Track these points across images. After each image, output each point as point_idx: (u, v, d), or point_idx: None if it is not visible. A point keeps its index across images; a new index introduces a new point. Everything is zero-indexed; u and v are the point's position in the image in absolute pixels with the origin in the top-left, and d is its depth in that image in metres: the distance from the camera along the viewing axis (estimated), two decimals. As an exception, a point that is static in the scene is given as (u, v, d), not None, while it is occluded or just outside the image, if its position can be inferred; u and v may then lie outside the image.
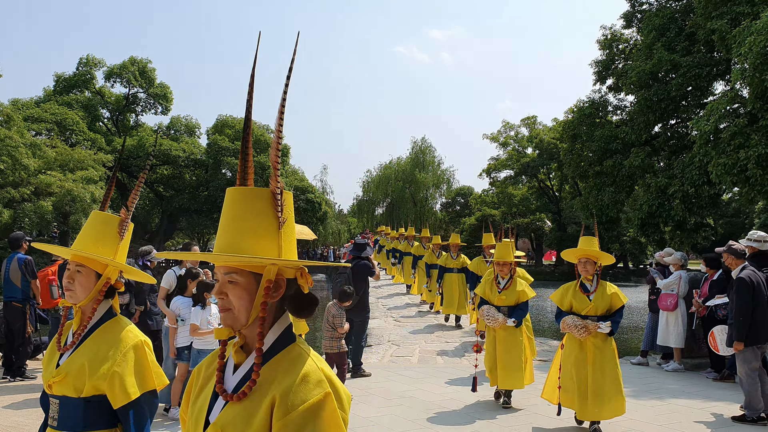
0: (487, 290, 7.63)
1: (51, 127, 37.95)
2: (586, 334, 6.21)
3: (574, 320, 6.26)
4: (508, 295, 7.52)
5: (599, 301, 6.30)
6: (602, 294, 6.34)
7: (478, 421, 6.96)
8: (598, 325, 6.21)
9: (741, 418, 6.93)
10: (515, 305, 7.50)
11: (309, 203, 49.01)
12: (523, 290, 7.53)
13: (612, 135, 19.86)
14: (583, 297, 6.37)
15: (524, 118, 56.38)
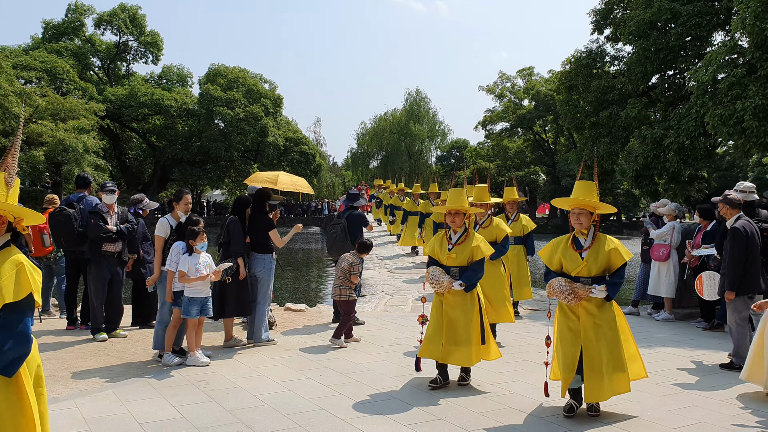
0: (436, 247, 6.38)
1: (41, 76, 37.32)
2: (575, 300, 5.22)
3: (561, 283, 5.24)
4: (459, 252, 6.23)
5: (594, 259, 5.26)
6: (598, 251, 5.28)
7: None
8: (590, 289, 5.21)
9: (728, 366, 7.03)
10: (467, 265, 6.24)
11: (303, 155, 48.75)
12: (478, 246, 6.21)
13: (609, 86, 19.67)
14: (574, 255, 5.33)
15: (521, 70, 55.84)
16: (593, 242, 5.33)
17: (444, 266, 6.27)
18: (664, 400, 5.88)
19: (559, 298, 5.27)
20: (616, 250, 5.28)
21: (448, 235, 6.37)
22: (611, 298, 5.27)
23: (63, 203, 8.82)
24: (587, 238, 5.37)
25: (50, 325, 9.17)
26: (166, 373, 6.68)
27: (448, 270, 6.22)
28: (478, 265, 6.24)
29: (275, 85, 51.54)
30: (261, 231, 8.03)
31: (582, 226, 5.36)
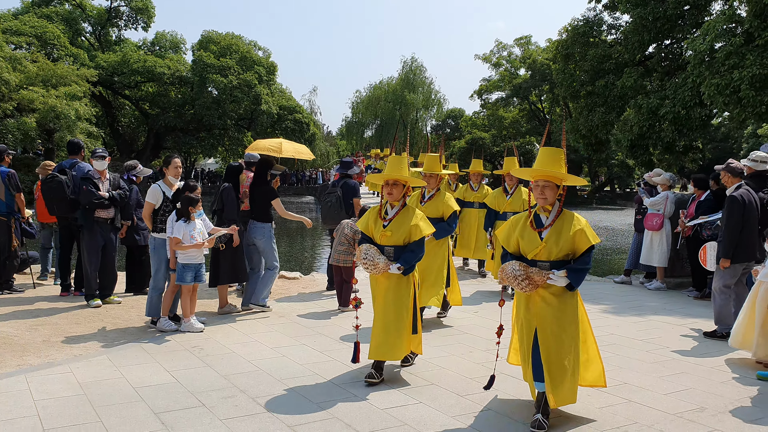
0: (370, 222, 5.58)
1: (31, 41, 36.78)
2: (530, 288, 4.39)
3: (514, 267, 4.39)
4: (395, 230, 5.43)
5: (555, 240, 4.42)
6: (560, 231, 4.44)
7: (462, 334, 7.08)
8: (548, 275, 4.38)
9: (712, 334, 7.11)
10: (404, 245, 5.45)
11: (297, 123, 48.44)
12: (417, 225, 5.41)
13: (605, 55, 19.54)
14: (533, 234, 4.49)
15: (518, 38, 55.32)
16: (555, 220, 4.48)
17: (378, 245, 5.47)
18: (655, 367, 5.94)
19: (512, 285, 4.42)
20: (582, 232, 4.40)
21: (384, 208, 5.53)
22: (574, 288, 4.42)
23: (55, 170, 8.74)
24: (550, 216, 4.53)
25: (44, 291, 9.17)
26: (160, 338, 6.71)
27: (382, 249, 5.42)
28: (418, 246, 5.41)
29: (269, 53, 50.99)
30: (262, 199, 8.00)
31: (546, 201, 4.48)
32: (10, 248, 8.86)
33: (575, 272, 4.42)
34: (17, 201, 8.86)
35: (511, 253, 4.65)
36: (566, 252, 4.44)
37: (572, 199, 51.77)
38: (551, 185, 4.48)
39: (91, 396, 4.92)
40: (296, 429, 4.35)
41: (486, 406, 4.85)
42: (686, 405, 4.94)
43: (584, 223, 4.47)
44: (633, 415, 4.69)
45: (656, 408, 4.85)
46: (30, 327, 7.08)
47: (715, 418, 4.68)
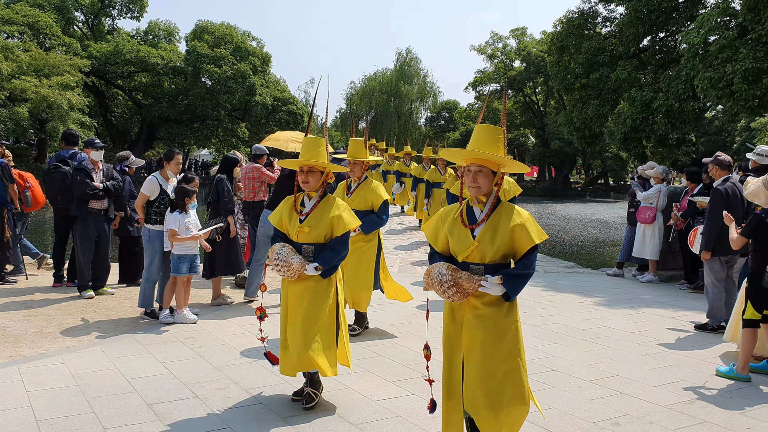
0: (283, 217, 4.71)
1: (23, 30, 36.53)
2: (459, 297, 3.55)
3: (441, 271, 3.55)
4: (314, 225, 4.60)
5: (490, 239, 3.55)
6: (497, 228, 3.56)
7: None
8: (480, 281, 3.51)
9: (703, 326, 7.16)
10: (325, 242, 4.63)
11: (291, 115, 48.29)
12: (339, 217, 4.59)
13: (600, 47, 19.54)
14: (464, 231, 3.63)
15: (513, 30, 55.30)
16: (491, 215, 3.61)
17: (294, 243, 4.64)
18: (646, 360, 5.98)
19: (437, 292, 3.56)
20: (523, 228, 3.53)
21: (299, 201, 4.71)
22: (511, 298, 3.55)
23: (54, 160, 8.74)
24: (484, 209, 3.65)
25: (37, 282, 9.15)
26: (153, 330, 6.71)
27: (299, 249, 4.59)
28: (340, 243, 4.60)
29: (263, 43, 50.81)
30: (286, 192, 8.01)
31: (479, 190, 3.60)
32: (3, 239, 8.83)
33: (512, 278, 3.51)
34: (10, 192, 8.82)
35: (439, 252, 3.78)
36: (504, 252, 3.57)
37: (566, 191, 51.95)
38: (486, 171, 3.58)
39: (83, 387, 4.92)
40: (289, 420, 4.37)
41: (478, 398, 4.86)
42: (677, 397, 4.98)
43: (526, 216, 3.60)
44: (624, 407, 4.72)
45: (647, 400, 4.89)
46: (23, 318, 7.06)
47: (706, 409, 4.72)
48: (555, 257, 13.78)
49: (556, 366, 5.71)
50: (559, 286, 9.80)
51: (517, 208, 3.63)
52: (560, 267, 11.90)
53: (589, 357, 6.03)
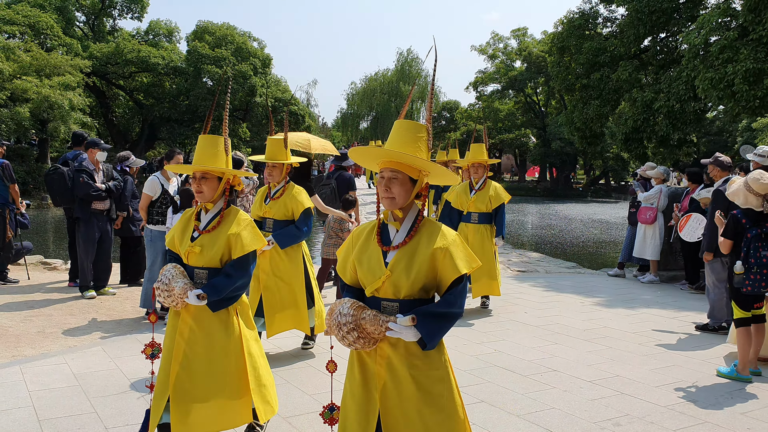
0: (176, 234, 3.80)
1: (24, 31, 36.54)
2: (362, 345, 2.79)
3: (343, 309, 2.79)
4: (208, 244, 3.67)
5: (405, 266, 2.77)
6: (415, 251, 2.79)
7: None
8: (386, 323, 2.71)
9: (704, 327, 7.16)
10: (221, 267, 3.68)
11: (292, 115, 48.26)
12: (238, 235, 3.66)
13: (601, 47, 19.52)
14: (375, 258, 2.86)
15: (514, 30, 55.27)
16: (413, 235, 2.82)
17: (187, 267, 3.73)
18: (647, 360, 5.99)
19: (337, 338, 2.82)
20: (447, 253, 2.74)
21: (194, 213, 3.82)
22: (428, 345, 2.71)
23: (60, 161, 8.81)
24: (402, 227, 2.87)
25: (39, 282, 9.17)
26: (155, 330, 6.71)
27: (191, 273, 3.69)
28: (237, 268, 3.64)
29: (264, 44, 50.76)
30: None
31: (394, 203, 2.81)
32: (5, 239, 8.85)
33: (429, 319, 2.68)
34: (11, 192, 8.84)
35: (349, 285, 3.00)
36: (423, 284, 2.77)
37: (567, 192, 51.95)
38: (402, 177, 2.79)
39: (85, 387, 4.93)
40: (291, 420, 4.38)
41: (479, 398, 4.88)
42: (678, 397, 4.99)
43: (452, 239, 2.79)
44: (625, 408, 4.73)
45: (648, 400, 4.90)
46: (24, 318, 7.08)
47: (706, 410, 4.73)
48: (556, 257, 13.79)
49: (557, 366, 5.72)
50: (560, 286, 9.81)
51: (443, 228, 2.84)
52: (561, 267, 11.90)
53: (590, 357, 6.03)
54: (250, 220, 3.78)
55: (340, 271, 3.04)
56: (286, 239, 5.57)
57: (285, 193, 5.71)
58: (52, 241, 17.23)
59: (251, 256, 3.72)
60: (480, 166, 7.69)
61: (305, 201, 5.69)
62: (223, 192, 3.78)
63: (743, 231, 5.39)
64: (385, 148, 2.82)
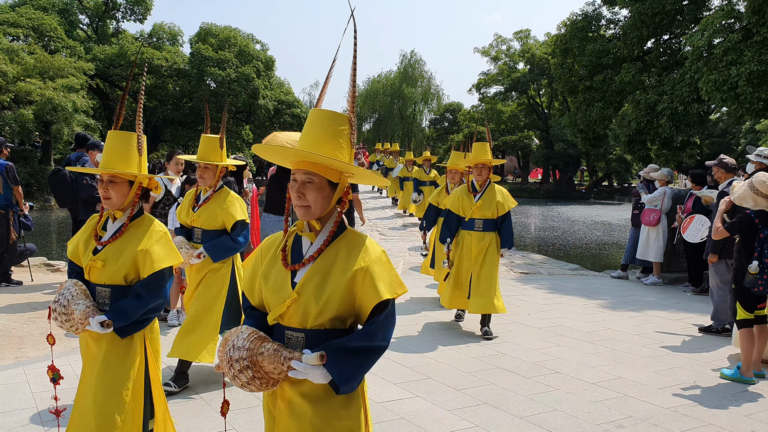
0: (80, 245, 3.31)
1: (28, 33, 36.67)
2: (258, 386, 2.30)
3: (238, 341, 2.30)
4: (111, 257, 3.16)
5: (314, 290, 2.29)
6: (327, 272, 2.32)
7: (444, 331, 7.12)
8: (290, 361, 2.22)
9: (707, 329, 7.15)
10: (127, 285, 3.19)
11: (295, 118, 48.31)
12: (147, 251, 3.15)
13: (604, 49, 19.51)
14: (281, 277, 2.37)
15: (517, 32, 55.28)
16: (324, 249, 2.35)
17: (88, 283, 3.23)
18: (650, 362, 5.97)
19: (228, 376, 2.31)
20: (367, 274, 2.27)
21: (98, 228, 3.30)
22: (341, 389, 2.23)
23: (63, 163, 8.89)
24: (316, 239, 2.39)
25: (42, 284, 9.18)
26: (160, 331, 6.72)
27: (93, 291, 3.20)
28: (148, 288, 3.13)
29: (267, 46, 50.96)
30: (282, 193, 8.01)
31: (309, 212, 2.35)
32: (8, 241, 8.87)
33: (341, 356, 2.19)
34: (15, 194, 8.86)
35: (254, 307, 2.50)
36: (337, 312, 2.28)
37: (570, 194, 51.91)
38: (319, 181, 2.32)
39: (89, 388, 4.93)
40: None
41: (482, 400, 4.87)
42: (681, 399, 4.97)
43: (376, 256, 2.32)
44: (628, 410, 4.72)
45: (651, 402, 4.89)
46: (28, 319, 7.09)
47: (710, 412, 4.71)
48: (559, 259, 13.77)
49: (560, 368, 5.71)
50: (564, 288, 9.80)
51: (368, 242, 2.36)
52: (564, 269, 11.89)
53: (593, 359, 6.02)
54: (165, 232, 3.27)
55: (246, 290, 2.51)
56: (220, 251, 4.90)
57: (214, 200, 5.04)
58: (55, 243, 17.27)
59: (166, 274, 3.17)
60: (484, 168, 6.84)
61: (237, 212, 4.97)
62: (134, 198, 3.24)
63: (755, 231, 5.38)
64: (297, 147, 2.34)
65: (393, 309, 2.34)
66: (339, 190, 2.38)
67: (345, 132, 2.36)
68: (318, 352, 2.17)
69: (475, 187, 6.92)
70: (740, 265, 5.47)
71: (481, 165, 6.84)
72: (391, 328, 2.33)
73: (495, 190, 6.88)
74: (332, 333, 2.29)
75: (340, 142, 2.34)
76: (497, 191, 6.86)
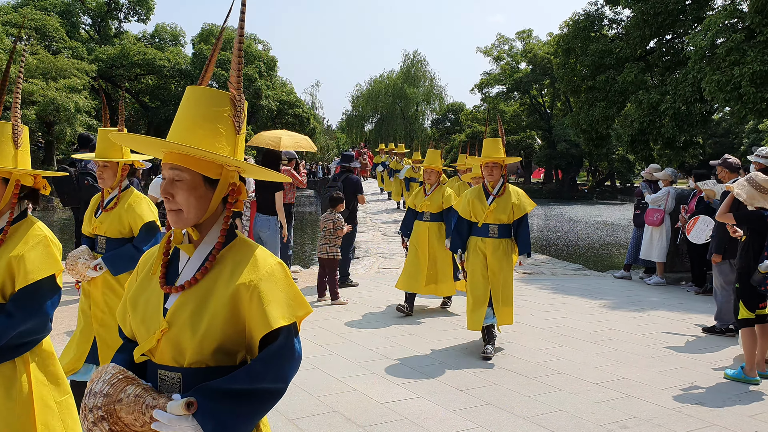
0: None
1: (30, 34, 36.75)
2: None
3: (94, 388, 1.80)
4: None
5: (189, 317, 1.83)
6: (206, 294, 1.85)
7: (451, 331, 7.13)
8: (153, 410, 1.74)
9: (711, 329, 7.13)
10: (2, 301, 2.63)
11: (297, 118, 48.39)
12: (22, 257, 2.60)
13: (606, 49, 19.49)
14: (153, 302, 1.95)
15: (519, 32, 55.27)
16: (211, 264, 1.89)
17: None
18: (654, 363, 5.96)
19: (83, 428, 1.84)
20: (255, 293, 1.81)
21: None
22: None
23: (67, 162, 8.99)
24: (193, 257, 1.94)
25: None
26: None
27: None
28: (21, 304, 2.57)
29: (269, 46, 50.95)
30: (270, 192, 8.02)
31: (180, 218, 1.91)
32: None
33: (217, 403, 1.74)
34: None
35: (129, 339, 2.05)
36: (219, 343, 1.83)
37: (572, 193, 51.86)
38: (192, 179, 1.87)
39: (92, 389, 4.93)
40: (297, 423, 4.37)
41: (486, 401, 4.87)
42: (685, 400, 4.96)
43: (267, 271, 1.86)
44: (632, 410, 4.71)
45: (655, 403, 4.87)
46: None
47: (714, 412, 4.70)
48: (562, 259, 13.76)
49: (564, 369, 5.70)
50: (567, 288, 9.78)
51: (258, 253, 1.89)
52: (567, 269, 11.87)
53: (597, 359, 6.01)
54: (44, 236, 2.69)
55: (119, 318, 2.04)
56: (121, 262, 4.15)
57: (119, 203, 4.31)
58: (58, 243, 17.26)
59: (44, 286, 2.61)
60: (495, 167, 6.16)
61: (145, 213, 4.27)
62: (11, 199, 2.65)
63: (765, 229, 5.36)
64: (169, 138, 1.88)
65: (291, 339, 1.82)
66: (221, 188, 1.90)
67: (225, 114, 1.89)
68: (186, 398, 1.71)
69: (487, 189, 6.24)
70: (745, 264, 5.45)
71: (492, 164, 6.14)
72: (289, 364, 1.81)
73: (510, 191, 6.23)
74: (218, 372, 1.80)
75: (218, 128, 1.86)
76: (512, 192, 6.24)
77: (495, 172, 6.16)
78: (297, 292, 1.88)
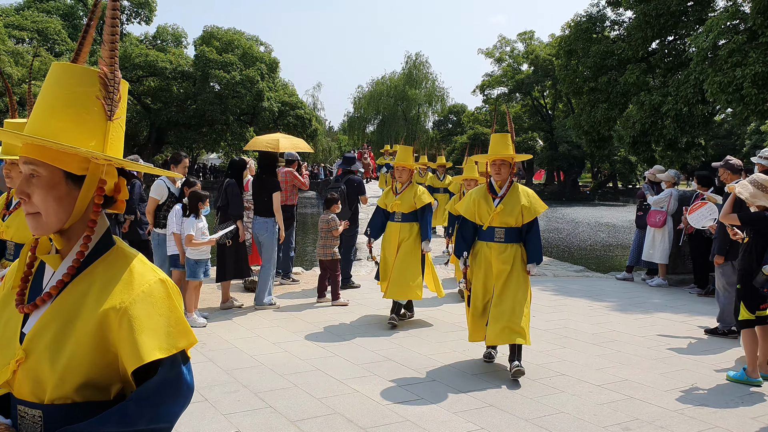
0: None
1: (33, 36, 36.85)
2: None
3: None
4: None
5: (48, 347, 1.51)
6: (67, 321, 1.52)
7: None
8: None
9: (713, 331, 7.12)
10: None
11: (299, 119, 48.39)
12: None
13: (608, 51, 19.50)
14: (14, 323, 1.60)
15: (521, 33, 55.21)
16: (75, 280, 1.56)
17: None
18: (656, 364, 5.95)
19: None
20: (125, 317, 1.49)
21: None
22: None
23: None
24: (57, 270, 1.59)
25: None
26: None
27: None
28: None
29: (271, 48, 51.02)
30: (267, 194, 8.02)
31: (40, 222, 1.55)
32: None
33: None
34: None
35: None
36: (87, 377, 1.51)
37: (574, 195, 51.82)
38: (48, 175, 1.54)
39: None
40: (299, 424, 4.38)
41: (488, 402, 4.86)
42: (687, 401, 4.95)
43: (145, 290, 1.55)
44: (634, 412, 4.70)
45: (657, 404, 4.87)
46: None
47: (716, 414, 4.69)
48: (564, 261, 13.75)
49: (566, 370, 5.70)
50: (569, 290, 9.77)
51: (135, 265, 1.59)
52: (569, 271, 11.86)
53: (599, 361, 6.01)
54: None
55: None
56: None
57: None
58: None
59: None
60: (503, 165, 5.61)
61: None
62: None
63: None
64: (27, 130, 1.54)
65: (176, 371, 1.53)
66: (88, 186, 1.56)
67: (91, 96, 1.54)
68: None
69: (494, 188, 5.70)
70: (747, 265, 5.44)
71: (500, 161, 5.58)
72: (173, 401, 1.51)
73: (519, 191, 5.63)
74: (87, 408, 1.50)
75: (82, 113, 1.52)
76: (522, 193, 5.62)
77: (503, 171, 5.61)
78: (179, 317, 1.57)
